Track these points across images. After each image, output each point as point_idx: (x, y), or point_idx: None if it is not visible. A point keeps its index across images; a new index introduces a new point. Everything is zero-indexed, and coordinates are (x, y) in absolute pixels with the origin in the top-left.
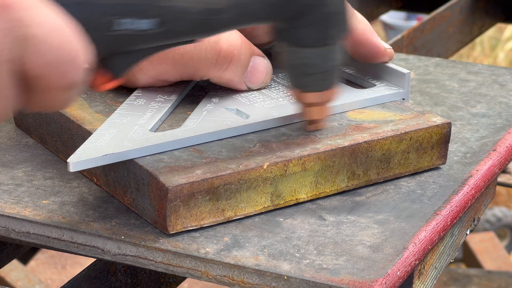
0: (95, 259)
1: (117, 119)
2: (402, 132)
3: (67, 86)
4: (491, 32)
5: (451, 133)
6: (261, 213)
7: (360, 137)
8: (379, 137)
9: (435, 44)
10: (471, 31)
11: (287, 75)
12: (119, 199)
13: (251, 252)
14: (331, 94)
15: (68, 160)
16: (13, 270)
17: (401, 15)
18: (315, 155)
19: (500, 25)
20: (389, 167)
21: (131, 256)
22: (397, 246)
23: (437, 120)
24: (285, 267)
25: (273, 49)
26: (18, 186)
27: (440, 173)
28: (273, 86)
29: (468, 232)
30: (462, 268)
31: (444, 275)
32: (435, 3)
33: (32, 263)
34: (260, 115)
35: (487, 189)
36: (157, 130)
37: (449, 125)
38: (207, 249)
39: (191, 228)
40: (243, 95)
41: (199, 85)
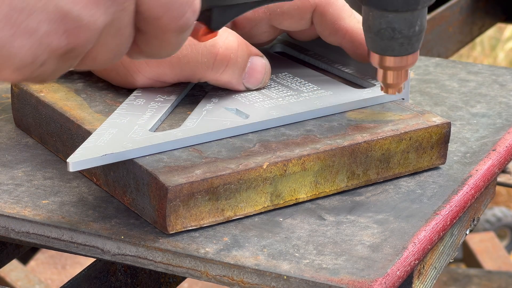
0: (95, 259)
1: (116, 119)
2: (401, 132)
3: (180, 28)
4: (491, 32)
5: (451, 133)
6: (260, 213)
7: (359, 137)
8: (379, 137)
9: (435, 44)
10: (471, 31)
11: (368, 38)
12: (119, 199)
13: (251, 252)
14: (411, 59)
15: (67, 160)
16: (13, 270)
17: None
18: (315, 155)
19: (500, 25)
20: (389, 167)
21: (131, 256)
22: (396, 246)
23: (437, 120)
24: (284, 267)
25: (272, 49)
26: (17, 186)
27: (439, 173)
28: (272, 86)
29: (467, 232)
30: (462, 268)
31: (444, 275)
32: (435, 3)
33: (32, 263)
34: (259, 115)
35: (487, 189)
36: (156, 130)
37: (448, 125)
38: (207, 249)
39: (191, 228)
40: (242, 95)
41: (199, 85)
